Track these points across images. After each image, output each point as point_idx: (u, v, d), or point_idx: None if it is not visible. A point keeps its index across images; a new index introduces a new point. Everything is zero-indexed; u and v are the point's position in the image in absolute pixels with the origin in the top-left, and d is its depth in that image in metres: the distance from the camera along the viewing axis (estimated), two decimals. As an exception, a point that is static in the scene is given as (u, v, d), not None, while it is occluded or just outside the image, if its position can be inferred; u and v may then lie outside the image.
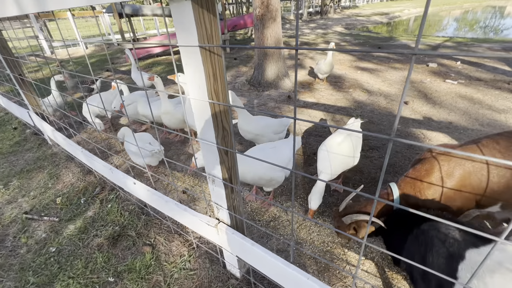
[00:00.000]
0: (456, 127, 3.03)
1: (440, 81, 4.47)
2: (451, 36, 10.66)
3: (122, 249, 1.73)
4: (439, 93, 3.96)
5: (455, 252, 0.93)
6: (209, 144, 0.99)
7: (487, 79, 4.44)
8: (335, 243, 1.71)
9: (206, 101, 0.87)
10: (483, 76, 4.58)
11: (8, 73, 2.62)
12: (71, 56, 9.46)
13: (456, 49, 6.69)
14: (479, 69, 4.97)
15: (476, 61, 5.49)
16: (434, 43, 7.80)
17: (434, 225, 1.05)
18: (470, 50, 6.47)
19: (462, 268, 0.90)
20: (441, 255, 0.97)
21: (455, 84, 4.30)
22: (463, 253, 0.91)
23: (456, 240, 0.96)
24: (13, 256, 1.74)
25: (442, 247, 0.98)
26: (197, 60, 0.81)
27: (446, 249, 0.96)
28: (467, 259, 0.90)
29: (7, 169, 2.71)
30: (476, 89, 4.02)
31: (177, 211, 1.37)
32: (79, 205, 2.15)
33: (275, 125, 2.41)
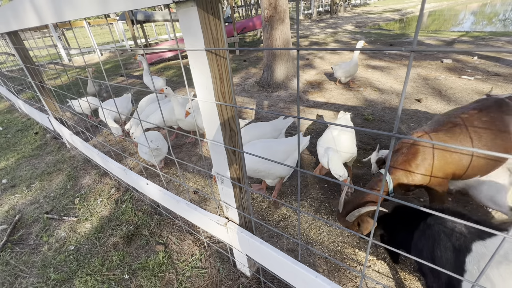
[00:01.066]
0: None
1: (456, 77, 4.33)
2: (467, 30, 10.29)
3: (136, 248, 1.79)
4: (454, 90, 3.84)
5: (462, 245, 0.94)
6: (217, 144, 1.01)
7: (506, 73, 4.26)
8: (345, 243, 1.69)
9: (213, 102, 0.90)
10: (502, 71, 4.39)
11: (30, 80, 2.77)
12: (88, 63, 9.84)
13: (473, 44, 6.45)
14: (497, 64, 4.77)
15: (494, 56, 5.28)
16: (449, 39, 7.56)
17: (439, 218, 1.06)
18: (488, 45, 6.22)
19: (469, 261, 0.91)
20: (448, 249, 0.98)
21: (472, 80, 4.15)
22: (470, 246, 0.92)
23: (462, 233, 0.97)
24: (36, 254, 1.83)
25: (449, 241, 0.99)
26: (203, 63, 0.84)
27: (453, 242, 0.97)
28: (473, 252, 0.91)
29: (29, 171, 2.86)
30: (495, 85, 3.87)
31: (188, 211, 1.40)
32: (95, 205, 2.24)
33: (268, 132, 2.34)
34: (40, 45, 11.78)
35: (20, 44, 2.52)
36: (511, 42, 6.27)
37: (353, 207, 1.43)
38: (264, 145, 1.92)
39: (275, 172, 1.88)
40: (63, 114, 3.03)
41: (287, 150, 1.93)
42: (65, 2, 1.17)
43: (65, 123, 2.87)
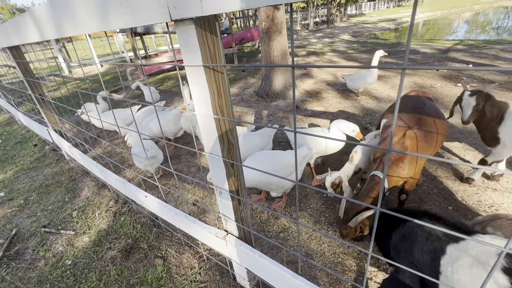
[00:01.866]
0: (470, 132, 2.94)
1: (451, 85, 4.38)
2: (461, 39, 10.49)
3: (134, 262, 1.76)
4: (450, 98, 3.88)
5: (437, 248, 0.98)
6: (215, 157, 1.02)
7: (501, 81, 4.32)
8: (346, 254, 1.67)
9: (211, 116, 0.91)
10: (497, 78, 4.45)
11: (30, 93, 2.79)
12: (87, 75, 9.94)
13: (467, 52, 6.56)
14: (492, 72, 4.84)
15: (490, 63, 5.36)
16: (444, 47, 7.70)
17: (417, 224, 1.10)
18: (482, 53, 6.33)
19: (443, 263, 0.94)
20: (425, 252, 1.02)
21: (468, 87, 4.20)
22: (445, 248, 0.96)
23: (438, 236, 1.01)
24: (32, 269, 1.80)
25: (425, 243, 1.03)
26: (201, 78, 0.85)
27: (429, 245, 1.02)
28: (447, 254, 0.94)
29: (27, 184, 2.85)
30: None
31: (186, 223, 1.39)
32: (93, 218, 2.22)
33: (257, 142, 2.38)
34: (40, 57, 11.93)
35: (21, 58, 2.55)
36: (505, 50, 6.38)
37: (354, 213, 1.46)
38: (272, 157, 1.93)
39: (285, 185, 1.89)
40: (62, 126, 3.04)
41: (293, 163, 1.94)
42: (66, 19, 1.19)
43: (64, 135, 2.87)
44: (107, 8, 0.94)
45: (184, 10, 0.72)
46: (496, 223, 1.14)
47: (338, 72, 6.15)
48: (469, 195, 2.03)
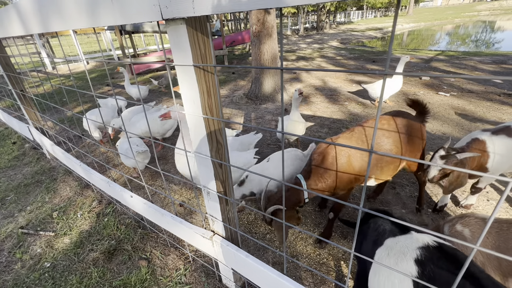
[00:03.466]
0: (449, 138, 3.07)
1: (433, 93, 4.57)
2: (443, 49, 10.97)
3: (117, 264, 1.72)
4: (432, 105, 4.04)
5: (379, 240, 1.11)
6: (203, 157, 1.02)
7: (479, 91, 4.55)
8: (331, 255, 1.71)
9: (200, 116, 0.92)
10: (475, 88, 4.69)
11: (10, 88, 2.68)
12: (73, 71, 9.64)
13: (448, 63, 6.87)
14: (470, 82, 5.10)
15: (468, 73, 5.64)
16: (427, 57, 8.02)
17: (376, 219, 1.22)
18: (461, 63, 6.65)
19: (377, 252, 1.07)
20: (370, 242, 1.16)
21: (448, 96, 4.40)
22: (383, 241, 1.08)
23: (384, 231, 1.13)
24: (7, 272, 1.72)
25: (373, 235, 1.16)
26: (192, 78, 0.86)
27: (374, 237, 1.15)
28: (384, 246, 1.07)
29: (4, 183, 2.72)
30: (468, 101, 4.12)
31: (173, 224, 1.38)
32: (75, 219, 2.15)
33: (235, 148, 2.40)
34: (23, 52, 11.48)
35: (1, 51, 2.45)
36: (482, 62, 6.73)
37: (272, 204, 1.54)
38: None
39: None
40: (44, 123, 2.93)
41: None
42: (53, 13, 1.17)
43: (46, 133, 2.77)
44: (97, 4, 0.93)
45: (176, 9, 0.72)
46: (464, 221, 1.22)
47: (326, 77, 6.28)
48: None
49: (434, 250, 0.95)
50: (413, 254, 0.95)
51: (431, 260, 0.91)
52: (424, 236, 1.01)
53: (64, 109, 2.15)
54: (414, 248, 0.97)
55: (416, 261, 0.93)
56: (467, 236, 1.17)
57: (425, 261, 0.92)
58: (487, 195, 2.13)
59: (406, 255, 0.96)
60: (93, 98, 5.72)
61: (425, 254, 0.94)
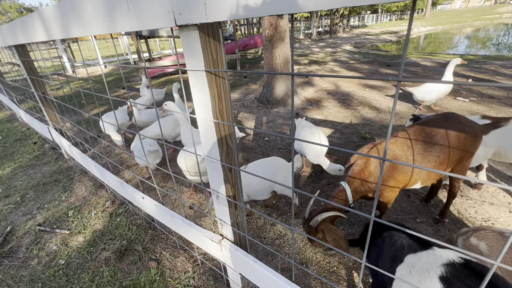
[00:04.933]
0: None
1: (451, 99, 4.42)
2: (462, 53, 10.62)
3: (128, 264, 1.75)
4: (450, 110, 3.91)
5: (397, 256, 1.06)
6: (213, 161, 1.03)
7: (500, 96, 4.36)
8: (341, 263, 1.66)
9: (211, 120, 0.92)
10: (496, 94, 4.50)
11: (33, 91, 2.82)
12: (90, 75, 10.01)
13: (467, 67, 6.64)
14: (491, 87, 4.89)
15: (489, 78, 5.42)
16: (445, 61, 7.79)
17: (391, 233, 1.17)
18: (482, 68, 6.41)
19: (398, 270, 1.02)
20: (387, 259, 1.10)
21: (467, 101, 4.24)
22: (403, 258, 1.04)
23: (402, 246, 1.08)
24: (24, 267, 1.78)
25: (390, 251, 1.11)
26: (203, 83, 0.87)
27: (392, 253, 1.10)
28: (404, 263, 1.02)
29: (25, 181, 2.84)
30: (489, 107, 3.95)
31: (182, 226, 1.39)
32: (89, 218, 2.21)
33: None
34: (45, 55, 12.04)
35: (26, 56, 2.58)
36: (504, 66, 6.46)
37: (318, 213, 1.51)
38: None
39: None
40: (63, 125, 3.05)
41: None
42: (74, 20, 1.22)
43: (64, 134, 2.88)
44: (114, 11, 0.96)
45: (189, 16, 0.74)
46: (480, 234, 1.15)
47: (339, 81, 6.21)
48: (465, 209, 2.03)
49: (460, 267, 0.90)
50: (437, 271, 0.91)
51: (458, 278, 0.86)
52: (448, 252, 0.96)
53: (82, 111, 2.24)
54: (438, 265, 0.92)
55: (441, 279, 0.88)
56: (484, 250, 1.11)
57: (451, 279, 0.87)
58: (509, 206, 2.03)
59: (430, 272, 0.92)
60: (109, 100, 5.91)
61: (451, 271, 0.89)
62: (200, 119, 0.97)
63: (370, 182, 1.57)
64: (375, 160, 1.58)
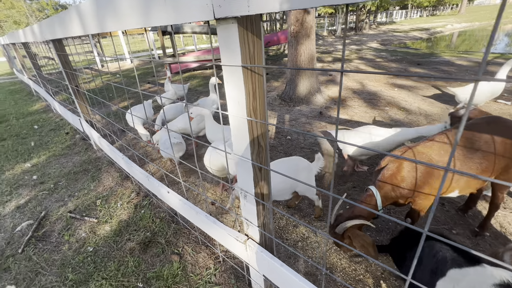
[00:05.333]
0: None
1: (491, 101, 4.09)
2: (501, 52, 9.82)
3: (151, 256, 1.78)
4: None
5: (439, 269, 0.99)
6: (244, 160, 1.00)
7: (548, 100, 3.96)
8: (368, 271, 1.58)
9: (245, 118, 0.89)
10: (543, 97, 4.10)
11: (66, 83, 2.95)
12: (118, 69, 10.40)
13: (509, 67, 6.10)
14: (537, 89, 4.47)
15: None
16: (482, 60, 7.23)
17: (431, 243, 1.09)
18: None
19: (440, 284, 0.97)
20: (427, 271, 1.03)
21: (509, 104, 3.90)
22: (445, 271, 0.96)
23: (445, 259, 1.00)
24: (56, 252, 1.88)
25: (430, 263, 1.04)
26: (238, 79, 0.83)
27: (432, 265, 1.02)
28: (447, 277, 0.96)
29: (58, 169, 3.00)
30: (535, 111, 3.60)
31: (206, 223, 1.38)
32: (116, 208, 2.28)
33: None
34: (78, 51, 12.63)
35: (62, 50, 2.71)
36: (553, 67, 5.87)
37: (344, 219, 1.45)
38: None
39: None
40: (93, 117, 3.18)
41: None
42: (109, 14, 1.23)
43: (94, 126, 3.00)
44: (150, 5, 0.95)
45: (229, 8, 0.70)
46: None
47: (365, 80, 5.97)
48: (509, 222, 1.86)
49: None
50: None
51: None
52: (501, 272, 0.87)
53: (111, 104, 2.31)
54: (489, 285, 0.84)
55: None
56: None
57: None
58: (560, 222, 1.83)
59: None
60: (136, 94, 6.10)
61: None
62: (232, 117, 0.94)
63: (402, 188, 1.47)
64: (409, 164, 1.47)
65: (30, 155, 3.42)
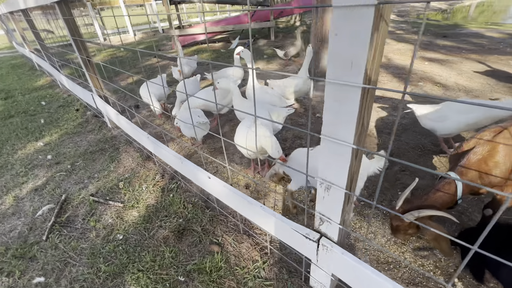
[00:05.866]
0: None
1: (536, 76, 3.72)
2: (534, 23, 9.09)
3: (188, 245, 1.62)
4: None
5: None
6: (339, 143, 0.76)
7: None
8: (438, 267, 1.41)
9: (358, 86, 0.64)
10: None
11: (77, 55, 2.66)
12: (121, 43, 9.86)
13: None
14: None
15: None
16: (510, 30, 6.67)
17: None
18: None
19: None
20: None
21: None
22: None
23: None
24: (84, 240, 1.73)
25: None
26: (362, 26, 0.57)
27: None
28: None
29: (72, 149, 2.80)
30: None
31: (263, 216, 1.18)
32: (141, 191, 2.10)
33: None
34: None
35: (69, 14, 2.38)
36: None
37: (413, 207, 1.25)
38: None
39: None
40: (106, 91, 2.91)
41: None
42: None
43: (109, 102, 2.76)
44: None
45: None
46: None
47: (389, 53, 5.52)
48: None
49: None
50: None
51: None
52: None
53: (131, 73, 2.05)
54: None
55: None
56: None
57: None
58: None
59: None
60: (143, 68, 5.75)
61: None
62: (331, 83, 0.69)
63: (493, 176, 1.24)
64: (506, 147, 1.23)
65: (41, 133, 3.21)
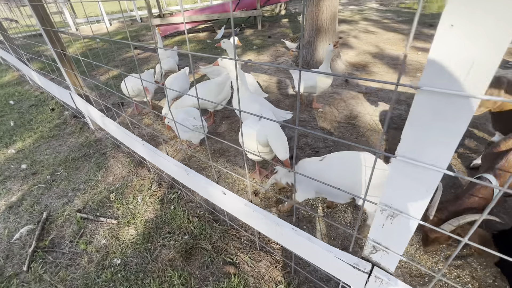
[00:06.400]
0: None
1: None
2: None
3: (199, 267, 1.43)
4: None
5: None
6: (420, 166, 0.59)
7: None
8: (475, 278, 1.32)
9: (479, 97, 0.47)
10: None
11: (49, 48, 2.30)
12: (96, 33, 9.14)
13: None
14: None
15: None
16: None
17: None
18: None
19: None
20: None
21: None
22: None
23: None
24: (74, 267, 1.49)
25: None
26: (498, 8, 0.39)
27: None
28: None
29: (51, 156, 2.48)
30: None
31: (294, 239, 1.01)
32: (136, 204, 1.87)
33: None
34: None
35: (39, 0, 2.02)
36: None
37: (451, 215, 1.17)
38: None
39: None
40: (86, 89, 2.58)
41: None
42: None
43: (92, 101, 2.44)
44: None
45: None
46: None
47: (380, 43, 5.44)
48: None
49: None
50: None
51: None
52: None
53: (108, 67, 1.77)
54: None
55: None
56: None
57: None
58: None
59: None
60: (124, 61, 5.31)
61: None
62: (427, 91, 0.52)
63: None
64: None
65: (11, 138, 2.83)
